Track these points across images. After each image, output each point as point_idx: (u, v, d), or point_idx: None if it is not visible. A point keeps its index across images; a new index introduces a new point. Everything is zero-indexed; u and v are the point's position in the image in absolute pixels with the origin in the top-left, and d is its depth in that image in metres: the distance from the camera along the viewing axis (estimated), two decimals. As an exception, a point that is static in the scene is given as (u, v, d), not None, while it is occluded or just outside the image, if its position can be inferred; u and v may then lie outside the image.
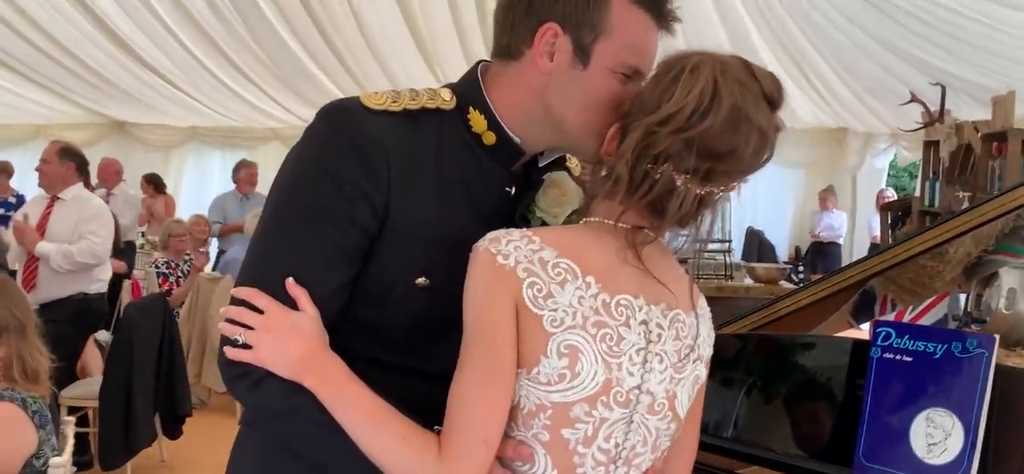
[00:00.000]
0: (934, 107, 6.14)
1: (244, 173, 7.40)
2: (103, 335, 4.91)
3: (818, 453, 1.90)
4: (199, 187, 10.36)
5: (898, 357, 1.79)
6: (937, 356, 1.74)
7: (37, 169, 4.42)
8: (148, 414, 4.29)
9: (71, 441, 2.12)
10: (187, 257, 6.08)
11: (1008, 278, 4.55)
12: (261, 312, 1.09)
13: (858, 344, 2.13)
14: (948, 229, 2.18)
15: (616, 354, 1.07)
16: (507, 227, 1.17)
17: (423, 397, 1.12)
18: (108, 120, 10.15)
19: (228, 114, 9.80)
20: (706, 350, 1.21)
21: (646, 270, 1.10)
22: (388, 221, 1.15)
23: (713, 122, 1.05)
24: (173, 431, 4.57)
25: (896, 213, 7.23)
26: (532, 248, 1.07)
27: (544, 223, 1.30)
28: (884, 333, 1.83)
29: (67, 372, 4.07)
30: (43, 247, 4.27)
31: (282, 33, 7.35)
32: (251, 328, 1.09)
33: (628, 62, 1.18)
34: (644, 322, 1.10)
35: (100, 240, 4.47)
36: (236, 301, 1.12)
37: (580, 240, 1.12)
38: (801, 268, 8.53)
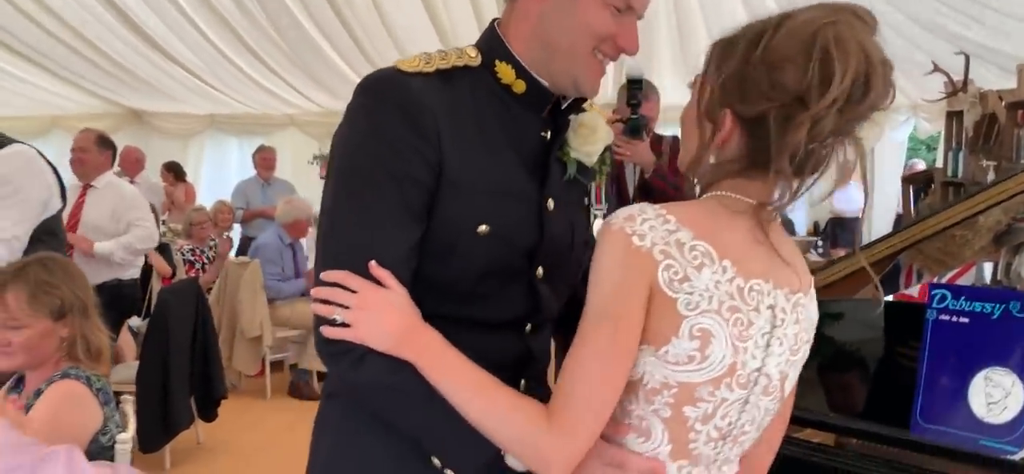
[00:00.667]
0: (957, 77, 6.11)
1: (261, 157, 7.44)
2: (136, 321, 4.96)
3: (862, 414, 1.92)
4: (217, 174, 10.39)
5: (954, 318, 1.81)
6: (995, 316, 1.75)
7: (74, 157, 4.44)
8: (185, 397, 4.34)
9: (132, 419, 2.15)
10: (212, 242, 6.12)
11: (1036, 246, 4.53)
12: (354, 291, 1.12)
13: (893, 307, 2.15)
14: (987, 198, 2.19)
15: (744, 338, 1.08)
16: (545, 171, 1.26)
17: (485, 347, 1.17)
18: (125, 109, 10.17)
19: (246, 101, 9.80)
20: (813, 330, 1.22)
21: (775, 252, 1.11)
22: (443, 175, 1.19)
23: (877, 89, 1.05)
24: (209, 413, 4.61)
25: (919, 185, 7.20)
26: (668, 229, 1.05)
27: (580, 163, 1.35)
28: (940, 295, 1.84)
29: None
30: (102, 247, 4.31)
31: (301, 19, 7.35)
32: (347, 307, 1.12)
33: None
34: (771, 306, 1.10)
35: (151, 223, 4.61)
36: (325, 284, 1.15)
37: (713, 219, 1.10)
38: (820, 242, 8.51)
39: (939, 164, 7.06)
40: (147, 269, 5.03)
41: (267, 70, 8.60)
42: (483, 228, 1.21)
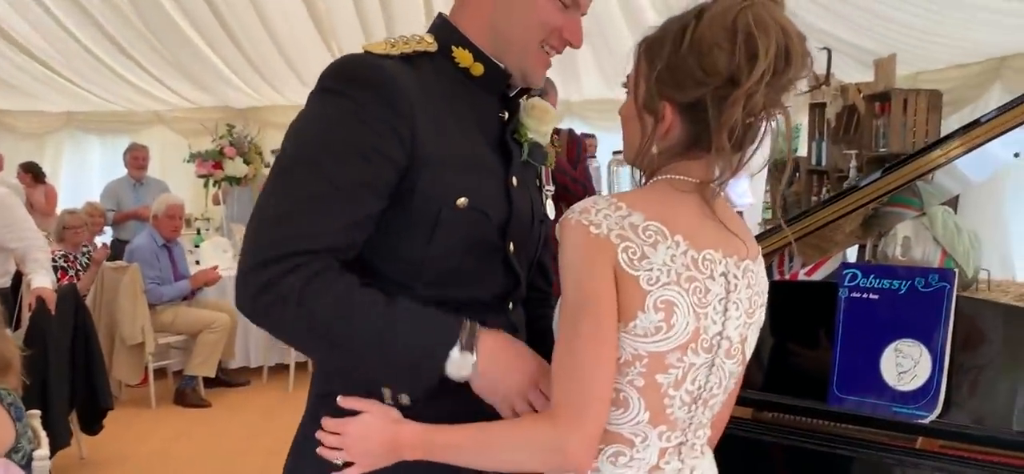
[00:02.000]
0: (820, 71, 6.51)
1: (132, 156, 7.08)
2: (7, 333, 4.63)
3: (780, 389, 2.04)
4: (78, 175, 9.82)
5: (865, 295, 1.94)
6: (902, 292, 1.89)
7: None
8: (64, 413, 4.09)
9: (43, 434, 2.03)
10: (85, 248, 5.78)
11: (903, 228, 4.91)
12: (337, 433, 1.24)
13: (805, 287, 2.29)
14: (885, 184, 2.35)
15: (704, 305, 1.15)
16: (507, 150, 1.35)
17: (481, 324, 1.25)
18: (-29, 107, 9.48)
19: (108, 97, 9.30)
20: (766, 294, 1.30)
21: (723, 224, 1.19)
22: (418, 151, 1.22)
23: (796, 58, 1.12)
24: (93, 427, 4.38)
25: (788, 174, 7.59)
26: (621, 214, 1.12)
27: (536, 142, 1.43)
28: (850, 274, 1.98)
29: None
30: (41, 280, 4.07)
31: (169, 9, 7.04)
32: (340, 449, 1.23)
33: None
34: (724, 273, 1.17)
35: (35, 229, 4.33)
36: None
37: (662, 201, 1.17)
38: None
39: (802, 153, 7.49)
40: (16, 277, 4.70)
41: (132, 63, 8.19)
42: (462, 201, 1.26)
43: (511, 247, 1.35)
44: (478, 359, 1.21)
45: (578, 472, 1.15)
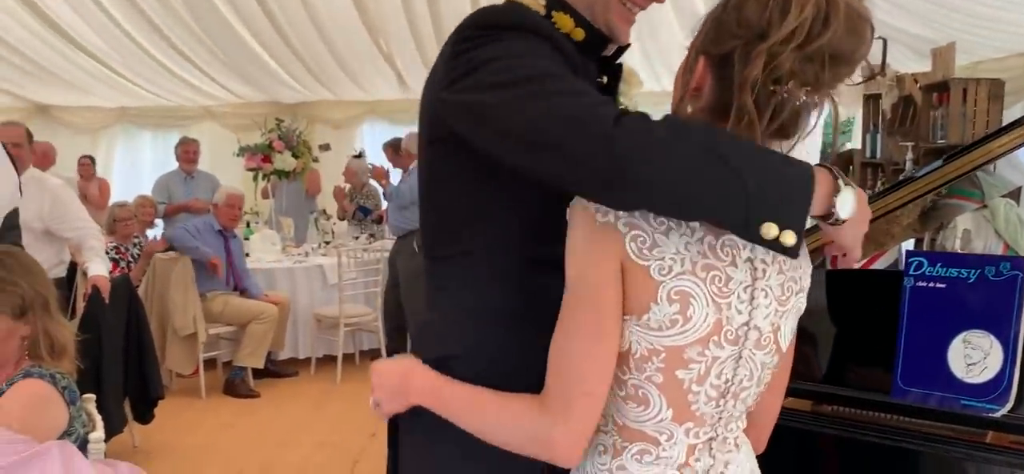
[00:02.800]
0: (875, 61, 6.36)
1: (183, 150, 7.19)
2: (62, 322, 4.72)
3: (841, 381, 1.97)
4: (130, 169, 10.02)
5: (932, 284, 1.87)
6: (971, 281, 1.82)
7: (10, 152, 4.22)
8: (118, 401, 4.17)
9: (98, 417, 2.05)
10: (136, 240, 5.88)
11: (963, 221, 4.77)
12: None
13: (870, 275, 2.21)
14: (944, 173, 2.25)
15: (725, 294, 1.08)
16: None
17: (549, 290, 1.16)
18: (30, 104, 9.70)
19: (160, 93, 9.47)
20: (806, 280, 1.21)
21: None
22: None
23: (836, 28, 1.03)
24: (145, 415, 4.45)
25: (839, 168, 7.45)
26: None
27: (625, 107, 1.33)
28: (916, 263, 1.90)
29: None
30: (95, 267, 4.18)
31: (218, 4, 7.13)
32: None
33: None
34: (749, 259, 1.10)
35: (88, 217, 4.42)
36: None
37: None
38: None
39: (856, 146, 7.33)
40: (71, 267, 4.79)
41: (184, 60, 8.33)
42: None
43: None
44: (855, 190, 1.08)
45: (563, 464, 1.11)
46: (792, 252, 1.01)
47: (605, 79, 1.36)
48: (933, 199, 2.81)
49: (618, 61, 1.39)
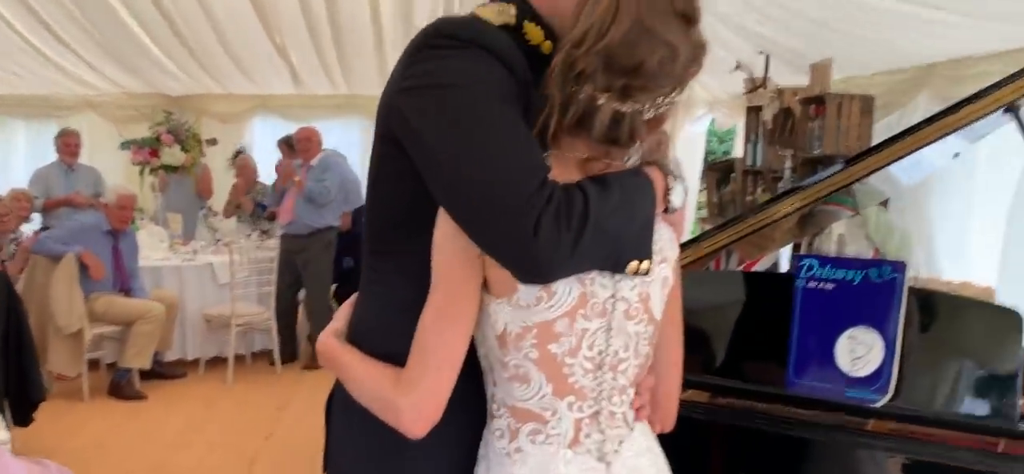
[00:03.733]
0: (758, 74, 6.70)
1: (64, 142, 6.87)
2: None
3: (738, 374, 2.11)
4: (2, 162, 9.46)
5: (821, 285, 2.03)
6: (856, 282, 1.98)
7: None
8: (-4, 403, 3.97)
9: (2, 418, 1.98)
10: (13, 236, 5.60)
11: (838, 227, 5.11)
12: None
13: (762, 277, 2.36)
14: (824, 187, 2.42)
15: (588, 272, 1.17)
16: None
17: None
18: None
19: (34, 81, 8.97)
20: (670, 252, 1.29)
21: None
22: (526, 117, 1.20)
23: (614, 36, 1.10)
24: (24, 418, 4.24)
25: (719, 174, 7.80)
26: None
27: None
28: (807, 265, 2.06)
29: None
30: None
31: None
32: None
33: None
34: None
35: None
36: None
37: None
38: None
39: (739, 154, 7.69)
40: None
41: (60, 45, 7.92)
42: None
43: None
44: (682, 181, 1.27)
45: (407, 434, 1.18)
46: (648, 272, 1.19)
47: None
48: (810, 207, 3.02)
49: None
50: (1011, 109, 1.95)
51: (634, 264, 1.16)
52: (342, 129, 10.40)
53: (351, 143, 9.86)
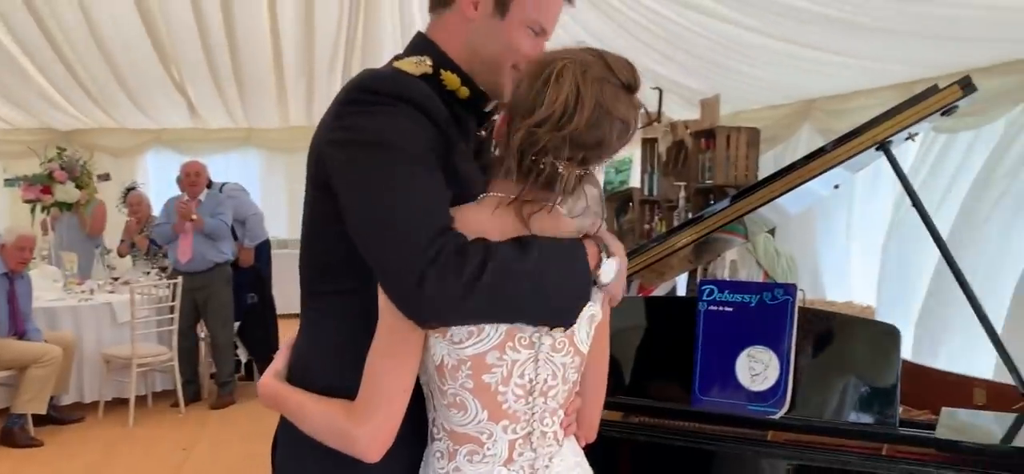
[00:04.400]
0: (652, 108, 7.00)
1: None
2: None
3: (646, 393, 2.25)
4: None
5: (721, 308, 2.20)
6: (752, 305, 2.16)
7: None
8: None
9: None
10: None
11: (730, 253, 5.39)
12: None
13: (667, 302, 2.52)
14: (731, 212, 2.58)
15: None
16: (487, 162, 1.44)
17: None
18: None
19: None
20: (596, 292, 1.37)
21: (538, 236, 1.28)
22: (449, 166, 1.32)
23: (579, 121, 1.24)
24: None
25: (618, 203, 8.07)
26: None
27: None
28: (708, 290, 2.23)
29: None
30: None
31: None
32: None
33: (539, 20, 1.45)
34: None
35: None
36: None
37: (480, 217, 1.29)
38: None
39: (636, 185, 7.98)
40: None
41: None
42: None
43: None
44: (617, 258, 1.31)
45: (364, 460, 1.27)
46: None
47: (483, 132, 1.54)
48: (705, 236, 3.22)
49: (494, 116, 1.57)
50: (883, 146, 2.17)
51: (550, 328, 1.28)
52: (242, 162, 10.29)
53: (251, 177, 9.76)
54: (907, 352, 4.62)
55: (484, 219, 1.28)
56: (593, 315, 1.38)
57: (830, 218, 6.16)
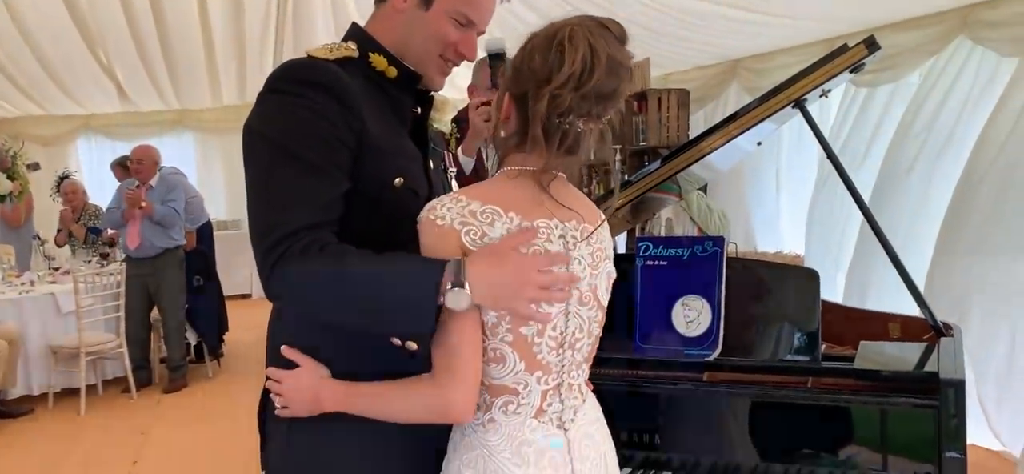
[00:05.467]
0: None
1: None
2: None
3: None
4: None
5: (656, 263, 2.36)
6: (685, 258, 2.33)
7: None
8: None
9: None
10: None
11: (665, 212, 5.61)
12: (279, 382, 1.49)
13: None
14: (667, 170, 2.73)
15: (546, 264, 1.37)
16: (423, 137, 1.60)
17: None
18: None
19: None
20: (610, 248, 1.54)
21: (557, 201, 1.44)
22: (364, 139, 1.44)
23: (599, 75, 1.34)
24: None
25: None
26: (461, 205, 1.35)
27: (438, 130, 1.68)
28: (644, 246, 2.39)
29: None
30: None
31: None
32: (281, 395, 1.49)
33: (463, 12, 1.56)
34: (562, 236, 1.41)
35: None
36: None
37: (500, 188, 1.40)
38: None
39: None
40: None
41: None
42: (398, 180, 1.49)
43: None
44: (471, 291, 1.32)
45: (459, 421, 1.39)
46: (413, 353, 1.37)
47: (419, 109, 1.66)
48: (641, 195, 3.39)
49: (431, 92, 1.70)
50: (798, 104, 2.34)
51: (412, 344, 1.34)
52: (177, 145, 10.15)
53: (187, 159, 9.66)
54: (838, 297, 4.89)
55: (509, 191, 1.39)
56: (610, 272, 1.51)
57: (760, 173, 6.41)
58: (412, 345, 1.34)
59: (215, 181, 10.11)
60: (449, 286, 1.30)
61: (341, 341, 1.44)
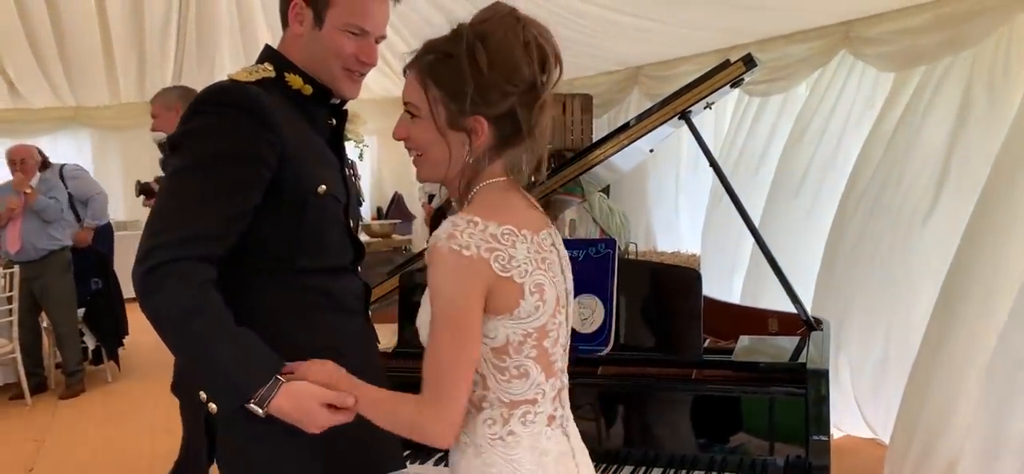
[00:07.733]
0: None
1: None
2: None
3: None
4: None
5: (554, 264, 2.47)
6: (580, 259, 2.45)
7: None
8: None
9: None
10: None
11: (569, 213, 5.75)
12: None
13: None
14: (571, 172, 2.85)
15: (554, 274, 1.42)
16: (335, 149, 1.71)
17: (345, 289, 1.69)
18: None
19: None
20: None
21: (536, 207, 1.47)
22: (285, 153, 1.54)
23: (552, 60, 1.37)
24: None
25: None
26: (480, 229, 1.31)
27: (353, 141, 1.81)
28: (543, 248, 2.49)
29: None
30: None
31: None
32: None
33: (355, 23, 1.66)
34: (553, 244, 1.45)
35: None
36: None
37: (502, 203, 1.38)
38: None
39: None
40: None
41: None
42: (322, 188, 1.60)
43: (351, 223, 1.74)
44: (265, 413, 1.43)
45: (437, 446, 1.36)
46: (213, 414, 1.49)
47: (334, 122, 1.76)
48: (546, 196, 3.51)
49: (345, 107, 1.80)
50: (684, 116, 2.50)
51: (256, 409, 1.43)
52: (72, 142, 9.81)
53: (83, 158, 9.34)
54: (735, 297, 5.12)
55: (504, 205, 1.37)
56: (569, 291, 1.51)
57: (660, 175, 6.64)
58: (213, 406, 1.47)
59: (113, 180, 9.77)
60: (255, 399, 1.41)
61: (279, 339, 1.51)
